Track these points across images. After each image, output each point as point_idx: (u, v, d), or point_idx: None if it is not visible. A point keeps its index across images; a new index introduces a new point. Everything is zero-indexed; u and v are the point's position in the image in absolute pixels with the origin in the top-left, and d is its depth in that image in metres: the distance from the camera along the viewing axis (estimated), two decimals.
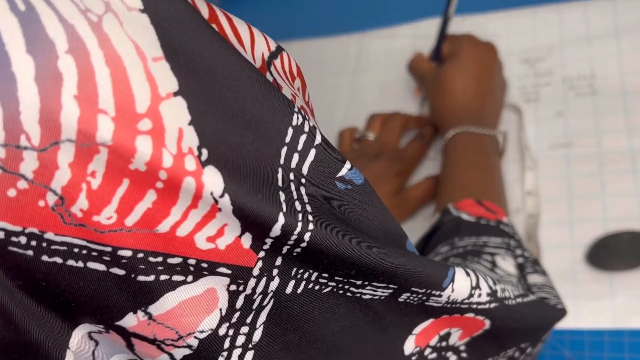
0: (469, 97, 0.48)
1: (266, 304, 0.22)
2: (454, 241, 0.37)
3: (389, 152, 0.51)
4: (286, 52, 0.24)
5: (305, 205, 0.21)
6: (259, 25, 0.23)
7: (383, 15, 0.67)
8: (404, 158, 0.51)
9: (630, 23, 0.53)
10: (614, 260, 0.41)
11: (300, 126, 0.21)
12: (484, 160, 0.44)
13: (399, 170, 0.49)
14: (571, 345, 0.39)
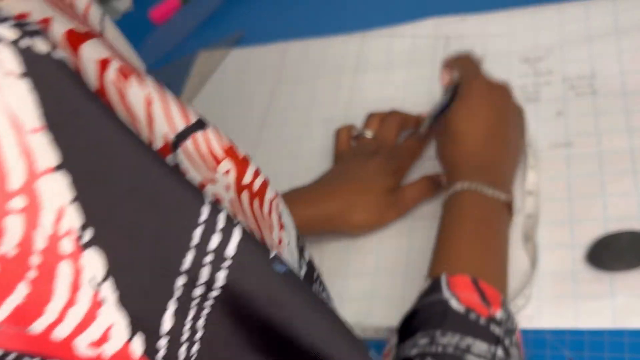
0: (480, 148, 0.44)
1: None
2: (435, 335, 0.34)
3: (386, 150, 0.50)
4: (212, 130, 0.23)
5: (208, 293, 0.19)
6: (259, 25, 0.23)
7: (383, 15, 0.67)
8: (400, 155, 0.50)
9: (630, 23, 0.53)
10: (614, 260, 0.41)
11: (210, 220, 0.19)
12: (489, 231, 0.41)
13: (395, 167, 0.49)
14: (571, 345, 0.39)
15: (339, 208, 0.47)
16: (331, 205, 0.47)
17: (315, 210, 0.46)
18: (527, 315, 0.41)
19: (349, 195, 0.47)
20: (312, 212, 0.46)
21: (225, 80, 0.69)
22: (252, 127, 0.63)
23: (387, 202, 0.47)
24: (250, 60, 0.70)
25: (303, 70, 0.65)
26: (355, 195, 0.47)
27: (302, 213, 0.45)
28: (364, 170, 0.48)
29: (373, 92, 0.60)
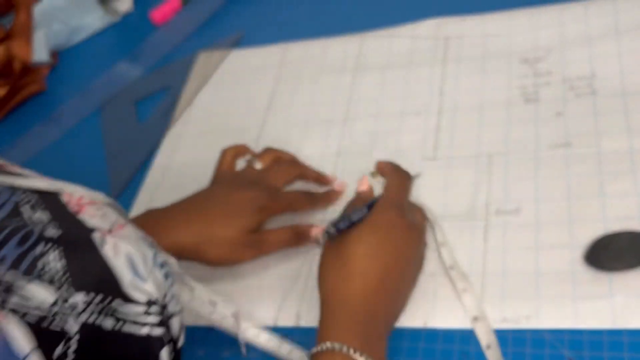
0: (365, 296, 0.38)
1: None
2: None
3: (264, 186, 0.47)
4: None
5: None
6: (259, 26, 0.23)
7: (383, 16, 0.67)
8: (276, 198, 0.47)
9: (630, 23, 0.53)
10: (613, 260, 0.41)
11: None
12: None
13: (264, 205, 0.46)
14: (570, 345, 0.39)
15: (192, 241, 0.44)
16: (185, 235, 0.44)
17: (167, 238, 0.43)
18: (526, 315, 0.41)
19: (205, 227, 0.45)
20: (166, 242, 0.42)
21: (225, 81, 0.69)
22: (252, 127, 0.63)
23: (244, 242, 0.45)
24: (250, 61, 0.70)
25: (303, 71, 0.65)
26: (211, 229, 0.45)
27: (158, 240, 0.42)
28: (230, 201, 0.46)
29: (372, 93, 0.60)
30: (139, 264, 0.27)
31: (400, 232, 0.41)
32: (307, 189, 0.51)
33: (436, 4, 0.65)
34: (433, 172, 0.52)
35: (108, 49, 0.84)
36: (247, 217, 0.45)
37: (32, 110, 0.80)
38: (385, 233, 0.40)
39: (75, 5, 0.85)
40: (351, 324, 0.38)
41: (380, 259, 0.39)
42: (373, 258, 0.39)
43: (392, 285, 0.40)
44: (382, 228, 0.40)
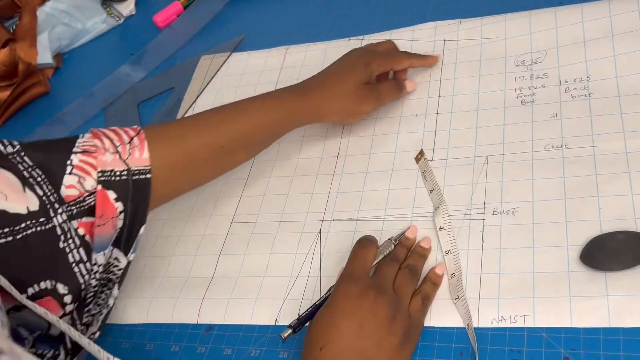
0: (348, 350, 0.39)
1: None
2: None
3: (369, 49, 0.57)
4: None
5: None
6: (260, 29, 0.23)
7: (381, 20, 0.68)
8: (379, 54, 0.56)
9: (625, 26, 0.53)
10: (609, 260, 0.42)
11: None
12: None
13: (370, 60, 0.54)
14: (567, 344, 0.40)
15: (321, 98, 0.53)
16: (314, 96, 0.53)
17: (302, 103, 0.52)
18: (523, 314, 0.42)
19: (328, 86, 0.53)
20: (299, 105, 0.52)
21: (226, 83, 0.70)
22: None
23: (362, 93, 0.54)
24: (251, 64, 0.70)
25: (303, 74, 0.66)
26: (332, 86, 0.53)
27: (292, 105, 0.52)
28: (341, 63, 0.55)
29: None
30: None
31: (350, 302, 0.40)
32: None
33: (434, 7, 0.66)
34: (435, 171, 0.52)
35: (111, 51, 0.84)
36: (358, 71, 0.54)
37: (37, 112, 0.80)
38: (334, 304, 0.41)
39: (79, 8, 0.86)
40: None
41: (331, 330, 0.40)
42: (324, 330, 0.40)
43: (351, 353, 0.39)
44: (334, 300, 0.41)
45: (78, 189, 0.44)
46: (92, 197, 0.44)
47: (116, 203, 0.45)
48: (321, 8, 0.73)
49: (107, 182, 0.45)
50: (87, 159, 0.45)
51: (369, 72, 0.54)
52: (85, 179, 0.44)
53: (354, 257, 0.44)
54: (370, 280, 0.42)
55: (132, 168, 0.46)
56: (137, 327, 0.51)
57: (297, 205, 0.54)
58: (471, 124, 0.54)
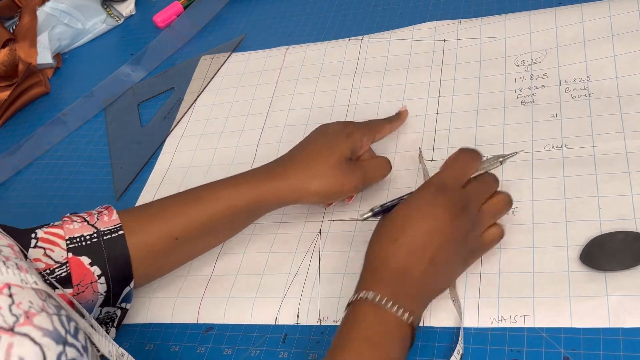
0: (399, 254, 0.40)
1: None
2: None
3: (350, 121, 0.51)
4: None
5: None
6: (259, 29, 0.23)
7: (381, 20, 0.68)
8: (361, 124, 0.51)
9: (625, 26, 0.54)
10: (609, 260, 0.42)
11: None
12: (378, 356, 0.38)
13: (352, 130, 0.49)
14: (567, 344, 0.40)
15: (298, 179, 0.47)
16: (290, 176, 0.47)
17: (276, 184, 0.47)
18: (523, 314, 0.42)
19: (306, 165, 0.48)
20: (273, 187, 0.47)
21: (226, 83, 0.70)
22: (253, 129, 0.63)
23: (344, 169, 0.48)
24: (251, 64, 0.70)
25: (303, 74, 0.66)
26: (312, 162, 0.48)
27: (265, 188, 0.47)
28: (322, 136, 0.50)
29: (372, 95, 0.61)
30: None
31: (433, 206, 0.42)
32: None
33: (434, 7, 0.66)
34: (431, 173, 0.52)
35: (111, 51, 0.84)
36: (340, 145, 0.48)
37: (37, 112, 0.80)
38: (416, 204, 0.42)
39: (79, 8, 0.86)
40: (384, 278, 0.40)
41: (409, 226, 0.41)
42: (402, 224, 0.41)
43: (427, 250, 0.41)
44: (416, 199, 0.42)
45: (44, 262, 0.42)
46: (64, 267, 0.43)
47: (92, 267, 0.44)
48: (321, 8, 0.73)
49: (78, 249, 0.44)
50: (53, 231, 0.44)
51: (352, 145, 0.49)
52: (54, 251, 0.43)
53: (452, 163, 0.44)
54: (459, 194, 0.42)
55: (101, 229, 0.45)
56: (137, 327, 0.52)
57: (297, 205, 0.54)
58: (471, 124, 0.54)
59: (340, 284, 0.48)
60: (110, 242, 0.45)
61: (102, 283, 0.45)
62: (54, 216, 0.56)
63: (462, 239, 0.42)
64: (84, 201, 0.65)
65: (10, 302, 0.27)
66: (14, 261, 0.28)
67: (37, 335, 0.26)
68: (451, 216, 0.41)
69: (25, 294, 0.28)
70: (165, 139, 0.67)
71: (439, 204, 0.41)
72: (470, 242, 0.42)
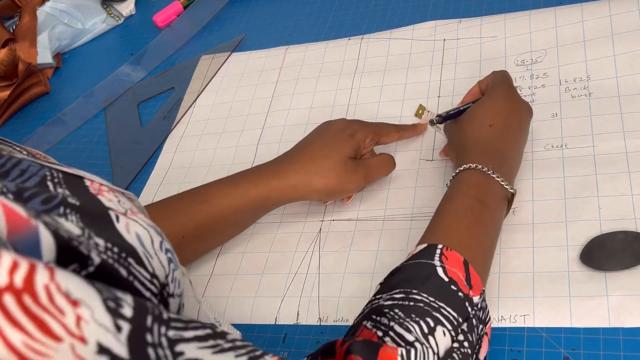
0: (494, 136, 0.45)
1: None
2: (412, 292, 0.36)
3: (356, 119, 0.51)
4: (54, 284, 0.21)
5: None
6: (260, 29, 0.23)
7: (381, 20, 0.68)
8: (367, 124, 0.51)
9: (625, 26, 0.54)
10: (609, 260, 0.42)
11: None
12: (489, 214, 0.42)
13: (356, 129, 0.49)
14: (567, 344, 0.40)
15: (300, 176, 0.48)
16: (292, 174, 0.48)
17: (278, 182, 0.48)
18: (523, 314, 0.42)
19: (309, 162, 0.48)
20: (276, 185, 0.47)
21: (226, 83, 0.70)
22: (253, 129, 0.63)
23: (347, 168, 0.48)
24: (251, 63, 0.70)
25: (302, 73, 0.66)
26: (315, 161, 0.48)
27: (267, 187, 0.48)
28: (325, 134, 0.49)
29: (372, 94, 0.61)
30: (146, 244, 0.29)
31: (514, 98, 0.48)
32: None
33: (434, 7, 0.66)
34: (431, 173, 0.52)
35: (111, 51, 0.84)
36: (343, 143, 0.48)
37: (37, 112, 0.80)
38: (502, 97, 0.47)
39: (79, 8, 0.86)
40: (484, 154, 0.44)
41: (501, 113, 0.46)
42: (495, 112, 0.46)
43: (513, 133, 0.46)
44: (499, 94, 0.47)
45: None
46: None
47: None
48: (321, 8, 0.73)
49: None
50: None
51: (355, 144, 0.49)
52: None
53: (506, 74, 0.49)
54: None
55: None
56: None
57: (297, 205, 0.54)
58: None
59: (340, 283, 0.48)
60: None
61: None
62: None
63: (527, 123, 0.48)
64: None
65: (118, 200, 0.30)
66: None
67: (143, 222, 0.29)
68: (526, 107, 0.48)
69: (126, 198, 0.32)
70: (165, 139, 0.67)
71: (517, 97, 0.48)
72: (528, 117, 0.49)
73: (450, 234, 0.40)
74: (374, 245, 0.49)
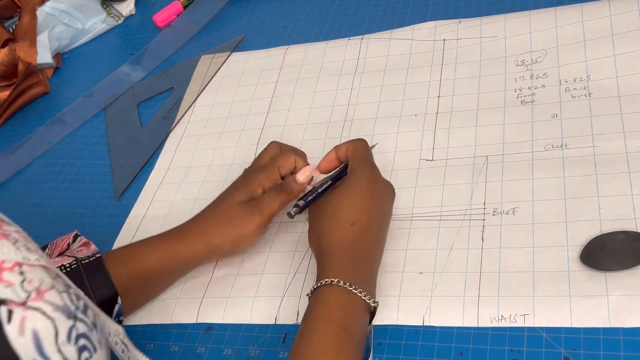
0: (357, 238, 0.42)
1: None
2: None
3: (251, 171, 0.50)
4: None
5: None
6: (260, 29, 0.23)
7: (381, 20, 0.68)
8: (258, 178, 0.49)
9: (625, 26, 0.54)
10: (609, 260, 0.42)
11: None
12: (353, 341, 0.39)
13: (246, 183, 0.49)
14: (567, 344, 0.40)
15: (201, 235, 0.47)
16: (193, 235, 0.48)
17: (182, 246, 0.47)
18: (523, 314, 0.42)
19: (206, 220, 0.48)
20: (180, 249, 0.48)
21: (226, 83, 0.70)
22: (253, 129, 0.63)
23: (241, 213, 0.47)
24: (251, 64, 0.70)
25: (302, 73, 0.66)
26: (211, 218, 0.48)
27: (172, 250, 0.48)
28: (223, 192, 0.50)
29: (372, 95, 0.61)
30: (46, 342, 0.27)
31: (378, 185, 0.46)
32: None
33: (434, 7, 0.66)
34: (431, 173, 0.52)
35: (111, 51, 0.84)
36: (232, 191, 0.49)
37: (37, 112, 0.80)
38: (365, 186, 0.45)
39: (79, 8, 0.86)
40: (345, 263, 0.42)
41: (364, 208, 0.44)
42: (358, 207, 0.44)
43: (376, 229, 0.44)
44: (362, 182, 0.45)
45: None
46: None
47: None
48: (321, 8, 0.73)
49: None
50: None
51: (248, 190, 0.48)
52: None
53: (367, 145, 0.47)
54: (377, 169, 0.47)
55: (79, 257, 0.46)
56: (137, 328, 0.52)
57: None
58: (471, 124, 0.54)
59: None
60: (89, 265, 0.46)
61: None
62: (53, 216, 0.56)
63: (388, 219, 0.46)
64: (84, 201, 0.65)
65: (22, 279, 0.28)
66: (24, 243, 0.29)
67: (48, 309, 0.27)
68: (387, 186, 0.46)
69: (36, 272, 0.29)
70: (165, 139, 0.67)
71: (378, 179, 0.45)
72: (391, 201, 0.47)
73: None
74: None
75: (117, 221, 0.60)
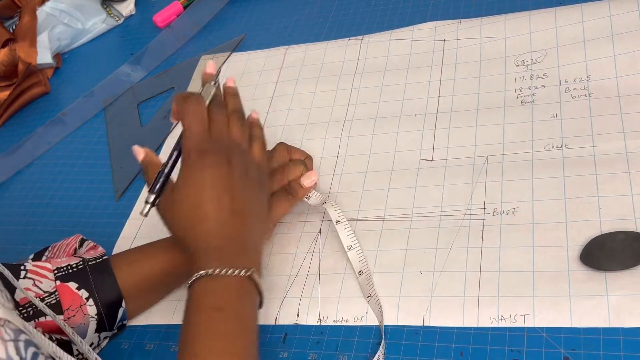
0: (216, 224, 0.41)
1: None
2: None
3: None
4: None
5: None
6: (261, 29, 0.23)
7: (381, 20, 0.68)
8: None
9: (625, 26, 0.54)
10: (609, 260, 0.42)
11: None
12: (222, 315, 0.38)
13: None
14: (567, 344, 0.40)
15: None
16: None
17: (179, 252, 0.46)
18: (523, 314, 0.42)
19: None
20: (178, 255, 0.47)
21: None
22: None
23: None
24: (252, 64, 0.70)
25: (303, 73, 0.66)
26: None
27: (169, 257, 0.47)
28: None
29: (372, 95, 0.61)
30: None
31: (209, 170, 0.42)
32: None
33: (434, 7, 0.66)
34: (431, 172, 0.52)
35: (111, 51, 0.84)
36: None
37: (37, 112, 0.80)
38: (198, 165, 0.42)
39: (79, 8, 0.86)
40: (213, 251, 0.40)
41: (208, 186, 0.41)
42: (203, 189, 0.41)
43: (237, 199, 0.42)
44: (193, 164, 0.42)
45: (34, 291, 0.44)
46: (53, 295, 0.45)
47: (79, 291, 0.45)
48: (321, 8, 0.73)
49: (65, 276, 0.45)
50: (41, 264, 0.46)
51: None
52: (42, 282, 0.45)
53: (189, 118, 0.43)
54: (214, 144, 0.42)
55: (86, 258, 0.47)
56: (137, 328, 0.52)
57: (296, 205, 0.54)
58: (471, 124, 0.54)
59: (340, 284, 0.48)
60: (95, 268, 0.47)
61: (91, 305, 0.46)
62: (53, 216, 0.56)
63: (246, 179, 0.42)
64: (84, 201, 0.65)
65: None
66: None
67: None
68: (226, 169, 0.42)
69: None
70: (165, 139, 0.67)
71: (208, 165, 0.42)
72: (252, 173, 0.43)
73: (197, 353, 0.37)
74: (373, 245, 0.49)
75: (117, 221, 0.60)
